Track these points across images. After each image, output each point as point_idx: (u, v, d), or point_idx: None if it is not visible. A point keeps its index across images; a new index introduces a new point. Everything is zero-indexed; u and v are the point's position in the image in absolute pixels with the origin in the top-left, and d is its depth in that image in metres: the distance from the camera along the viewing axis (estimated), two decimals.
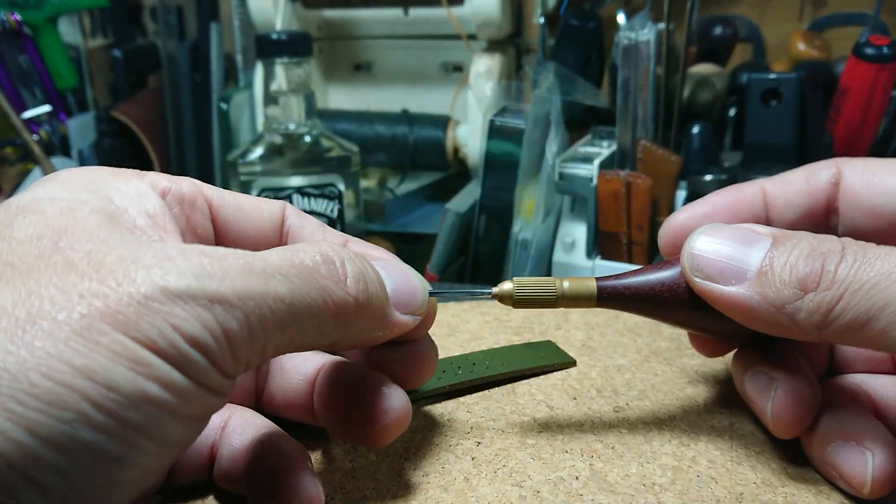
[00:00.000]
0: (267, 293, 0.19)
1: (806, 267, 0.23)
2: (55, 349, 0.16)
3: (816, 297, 0.23)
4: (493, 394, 0.32)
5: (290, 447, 0.25)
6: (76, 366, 0.16)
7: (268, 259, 0.20)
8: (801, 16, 0.85)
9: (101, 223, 0.20)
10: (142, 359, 0.17)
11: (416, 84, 0.96)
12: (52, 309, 0.17)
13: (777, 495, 0.25)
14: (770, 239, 0.24)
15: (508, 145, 0.69)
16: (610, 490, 0.26)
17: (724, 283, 0.24)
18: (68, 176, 0.22)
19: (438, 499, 0.25)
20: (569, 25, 0.74)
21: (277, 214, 0.27)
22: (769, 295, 0.24)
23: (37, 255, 0.18)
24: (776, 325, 0.24)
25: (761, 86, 0.64)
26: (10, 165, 0.92)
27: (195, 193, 0.25)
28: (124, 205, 0.22)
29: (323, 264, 0.21)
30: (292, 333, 0.20)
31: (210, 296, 0.18)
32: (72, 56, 0.99)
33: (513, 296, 0.27)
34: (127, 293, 0.18)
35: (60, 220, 0.20)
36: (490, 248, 0.72)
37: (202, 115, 0.98)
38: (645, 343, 0.36)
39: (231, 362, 0.19)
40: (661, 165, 0.66)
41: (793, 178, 0.29)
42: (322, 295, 0.21)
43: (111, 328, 0.17)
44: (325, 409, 0.26)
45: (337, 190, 0.72)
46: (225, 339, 0.19)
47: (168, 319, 0.18)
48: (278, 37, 0.69)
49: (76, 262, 0.18)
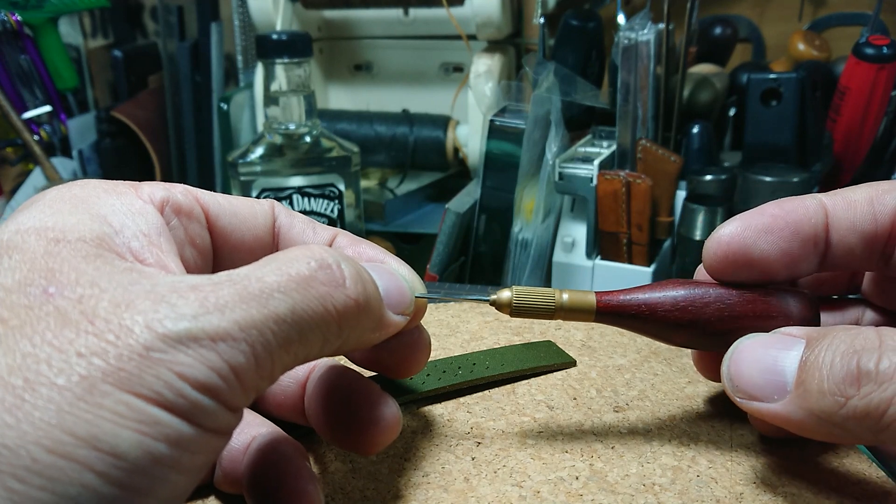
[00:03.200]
0: (268, 317, 0.19)
1: (842, 370, 0.21)
2: (57, 419, 0.16)
3: (862, 401, 0.21)
4: (493, 394, 0.32)
5: (289, 449, 0.25)
6: (80, 435, 0.16)
7: (264, 279, 0.19)
8: (801, 16, 0.85)
9: (89, 255, 0.19)
10: (149, 417, 0.16)
11: (416, 84, 0.96)
12: (51, 372, 0.16)
13: (777, 495, 0.25)
14: (803, 341, 0.23)
15: (508, 145, 0.69)
16: (610, 490, 0.26)
17: (767, 400, 0.23)
18: (57, 195, 0.21)
19: (438, 499, 0.25)
20: (569, 25, 0.74)
21: (269, 215, 0.27)
22: (812, 408, 0.22)
23: (27, 305, 0.17)
24: (831, 435, 0.22)
25: (761, 86, 0.64)
26: (11, 166, 0.92)
27: (191, 203, 0.25)
28: (118, 225, 0.21)
29: (319, 270, 0.21)
30: (297, 350, 0.20)
31: (211, 334, 0.18)
32: (72, 56, 0.99)
33: (511, 304, 0.27)
34: (126, 346, 0.17)
35: (48, 259, 0.19)
36: (490, 248, 0.72)
37: (202, 116, 0.98)
38: (645, 343, 0.36)
39: (241, 396, 0.18)
40: (661, 165, 0.66)
41: (856, 198, 0.26)
42: (323, 303, 0.20)
43: (114, 388, 0.16)
44: (316, 414, 0.26)
45: (337, 190, 0.72)
46: (234, 376, 0.18)
47: (173, 368, 0.17)
48: (278, 37, 0.69)
49: (69, 314, 0.17)
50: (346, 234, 0.28)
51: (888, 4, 0.77)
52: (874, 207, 0.26)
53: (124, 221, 0.21)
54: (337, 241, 0.27)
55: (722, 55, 0.82)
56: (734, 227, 0.27)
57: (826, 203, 0.27)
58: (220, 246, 0.26)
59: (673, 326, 0.26)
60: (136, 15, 1.14)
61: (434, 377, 0.32)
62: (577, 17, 0.74)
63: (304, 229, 0.27)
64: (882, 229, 0.26)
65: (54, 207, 0.21)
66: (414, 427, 0.30)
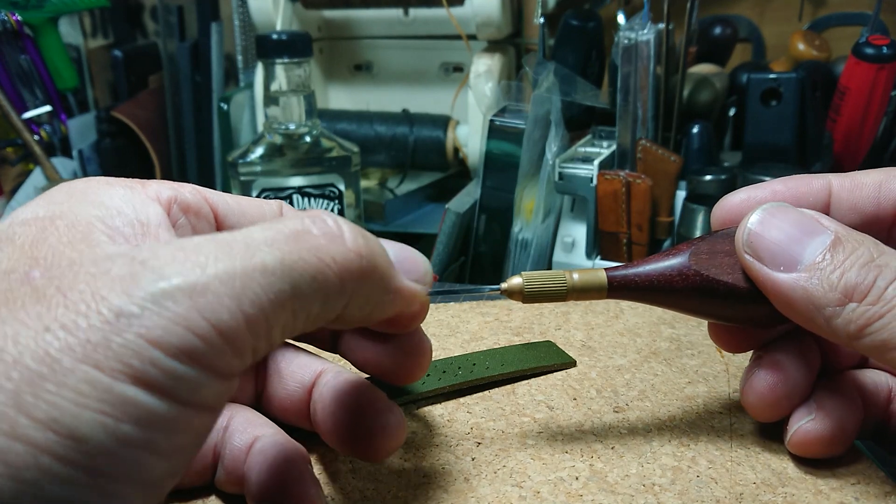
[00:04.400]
0: (253, 268, 0.17)
1: (858, 277, 0.23)
2: (14, 399, 0.15)
3: (859, 309, 0.23)
4: (493, 394, 0.32)
5: (293, 451, 0.25)
6: (38, 417, 0.15)
7: (250, 234, 0.18)
8: (801, 16, 0.85)
9: (74, 240, 0.19)
10: (115, 395, 0.15)
11: (416, 84, 0.96)
12: (15, 350, 0.15)
13: (777, 495, 0.25)
14: (832, 235, 0.24)
15: (508, 145, 0.69)
16: (610, 490, 0.26)
17: (773, 267, 0.24)
18: (58, 189, 0.21)
19: (438, 499, 0.25)
20: (569, 25, 0.74)
21: (277, 215, 0.27)
22: (811, 293, 0.23)
23: (6, 289, 0.17)
24: (810, 321, 0.24)
25: (761, 86, 0.64)
26: (11, 166, 0.92)
27: (200, 201, 0.24)
28: (115, 210, 0.20)
29: (313, 224, 0.19)
30: (295, 306, 0.18)
31: (188, 289, 0.16)
32: (72, 56, 0.99)
33: (523, 290, 0.26)
34: (97, 314, 0.16)
35: (33, 247, 0.18)
36: (490, 248, 0.72)
37: (202, 116, 0.98)
38: (645, 343, 0.36)
39: (231, 359, 0.17)
40: (660, 165, 0.66)
41: (865, 181, 0.27)
42: (318, 254, 0.19)
43: (78, 363, 0.15)
44: (322, 421, 0.26)
45: (337, 190, 0.72)
46: (217, 336, 0.16)
47: (144, 335, 0.16)
48: (278, 37, 0.69)
49: (44, 291, 0.16)
50: None
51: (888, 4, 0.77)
52: (880, 191, 0.27)
53: (122, 208, 0.21)
54: None
55: (722, 55, 0.82)
56: (738, 198, 0.28)
57: (833, 183, 0.27)
58: None
59: (686, 291, 0.26)
60: (136, 15, 1.13)
61: (434, 377, 0.32)
62: (577, 17, 0.74)
63: None
64: (884, 213, 0.27)
65: (50, 199, 0.20)
66: (414, 427, 0.30)
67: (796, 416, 0.27)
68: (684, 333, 0.37)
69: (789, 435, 0.27)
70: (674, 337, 0.37)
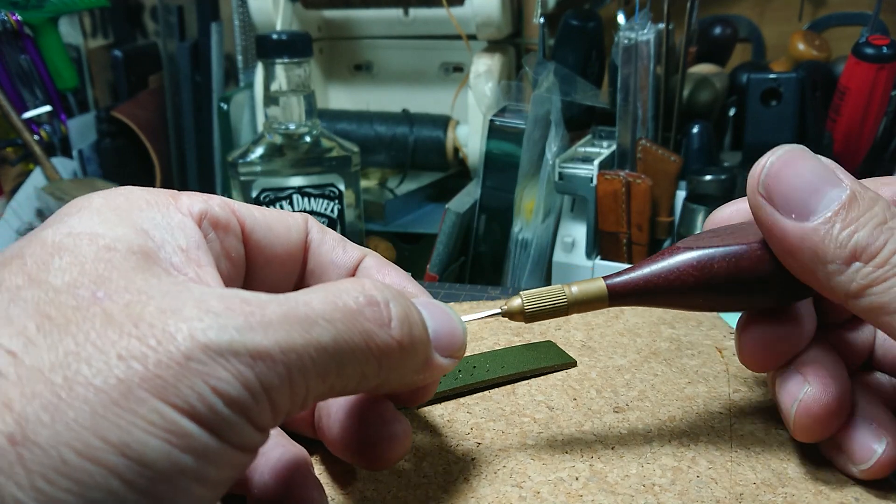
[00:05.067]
0: (310, 343, 0.19)
1: (869, 238, 0.22)
2: (90, 421, 0.16)
3: (864, 269, 0.22)
4: (493, 394, 0.32)
5: (295, 455, 0.25)
6: (110, 440, 0.16)
7: (311, 304, 0.19)
8: (801, 16, 0.85)
9: (138, 266, 0.19)
10: (179, 428, 0.16)
11: (416, 84, 0.96)
12: (90, 372, 0.16)
13: (777, 495, 0.25)
14: (848, 190, 0.23)
15: (508, 145, 0.69)
16: (610, 490, 0.26)
17: (785, 213, 0.24)
18: (103, 204, 0.21)
19: (438, 499, 0.25)
20: (569, 25, 0.74)
21: (302, 230, 0.27)
22: (819, 246, 0.23)
23: (74, 306, 0.18)
24: (810, 273, 0.24)
25: (761, 86, 0.64)
26: (11, 166, 0.92)
27: (228, 216, 0.25)
28: (160, 240, 0.21)
29: (367, 306, 0.20)
30: (334, 381, 0.20)
31: (252, 351, 0.18)
32: (72, 56, 0.99)
33: (524, 311, 0.26)
34: (167, 353, 0.17)
35: (98, 264, 0.19)
36: (490, 248, 0.72)
37: (202, 116, 0.98)
38: (645, 343, 0.36)
39: (269, 418, 0.18)
40: (660, 165, 0.66)
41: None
42: (365, 339, 0.20)
43: (150, 395, 0.16)
44: (327, 428, 0.26)
45: (337, 190, 0.72)
46: (265, 396, 0.18)
47: (208, 381, 0.17)
48: (278, 37, 0.69)
49: (115, 316, 0.17)
50: (375, 256, 0.28)
51: (888, 4, 0.77)
52: None
53: (164, 236, 0.21)
54: (364, 263, 0.28)
55: (722, 55, 0.82)
56: (728, 211, 0.28)
57: None
58: (253, 259, 0.26)
59: (687, 290, 0.26)
60: (136, 15, 1.13)
61: None
62: (577, 17, 0.74)
63: (335, 247, 0.28)
64: None
65: (103, 216, 0.21)
66: (414, 428, 0.30)
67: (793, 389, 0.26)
68: (684, 333, 0.37)
69: (792, 410, 0.26)
70: (674, 337, 0.37)
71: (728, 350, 0.36)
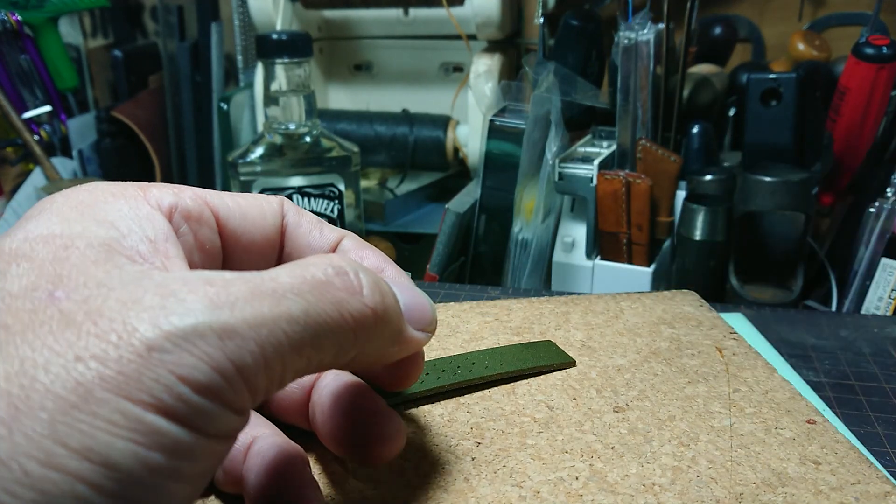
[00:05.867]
0: (280, 316, 0.18)
1: None
2: (49, 429, 0.15)
3: None
4: (493, 394, 0.32)
5: (291, 453, 0.25)
6: (72, 446, 0.15)
7: (278, 279, 0.19)
8: (801, 16, 0.85)
9: (98, 259, 0.19)
10: (145, 425, 0.16)
11: (416, 84, 0.96)
12: (47, 379, 0.16)
13: (777, 495, 0.25)
14: None
15: (508, 145, 0.69)
16: (610, 490, 0.26)
17: None
18: (64, 201, 0.21)
19: (438, 499, 0.25)
20: (569, 25, 0.74)
21: (277, 214, 0.27)
22: None
23: (31, 310, 0.17)
24: None
25: (761, 86, 0.64)
26: (11, 166, 0.92)
27: (201, 207, 0.24)
28: (126, 229, 0.21)
29: (336, 276, 0.20)
30: (310, 354, 0.19)
31: (219, 331, 0.17)
32: (72, 56, 0.99)
33: None
34: (128, 347, 0.16)
35: (55, 264, 0.18)
36: (490, 248, 0.72)
37: (202, 116, 0.98)
38: (645, 343, 0.36)
39: (246, 398, 0.18)
40: (661, 165, 0.66)
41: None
42: (339, 309, 0.20)
43: (111, 394, 0.16)
44: (321, 423, 0.26)
45: (337, 190, 0.72)
46: (238, 377, 0.17)
47: (175, 371, 0.16)
48: (278, 37, 0.69)
49: (73, 315, 0.17)
50: (353, 238, 0.28)
51: (888, 4, 0.77)
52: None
53: (131, 226, 0.21)
54: (343, 244, 0.27)
55: (722, 55, 0.82)
56: None
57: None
58: (229, 248, 0.26)
59: None
60: (136, 15, 1.14)
61: (433, 377, 0.32)
62: (577, 17, 0.74)
63: (311, 229, 0.27)
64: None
65: (62, 215, 0.20)
66: (414, 427, 0.30)
67: None
68: (684, 333, 0.37)
69: None
70: (674, 337, 0.37)
71: (728, 350, 0.36)
